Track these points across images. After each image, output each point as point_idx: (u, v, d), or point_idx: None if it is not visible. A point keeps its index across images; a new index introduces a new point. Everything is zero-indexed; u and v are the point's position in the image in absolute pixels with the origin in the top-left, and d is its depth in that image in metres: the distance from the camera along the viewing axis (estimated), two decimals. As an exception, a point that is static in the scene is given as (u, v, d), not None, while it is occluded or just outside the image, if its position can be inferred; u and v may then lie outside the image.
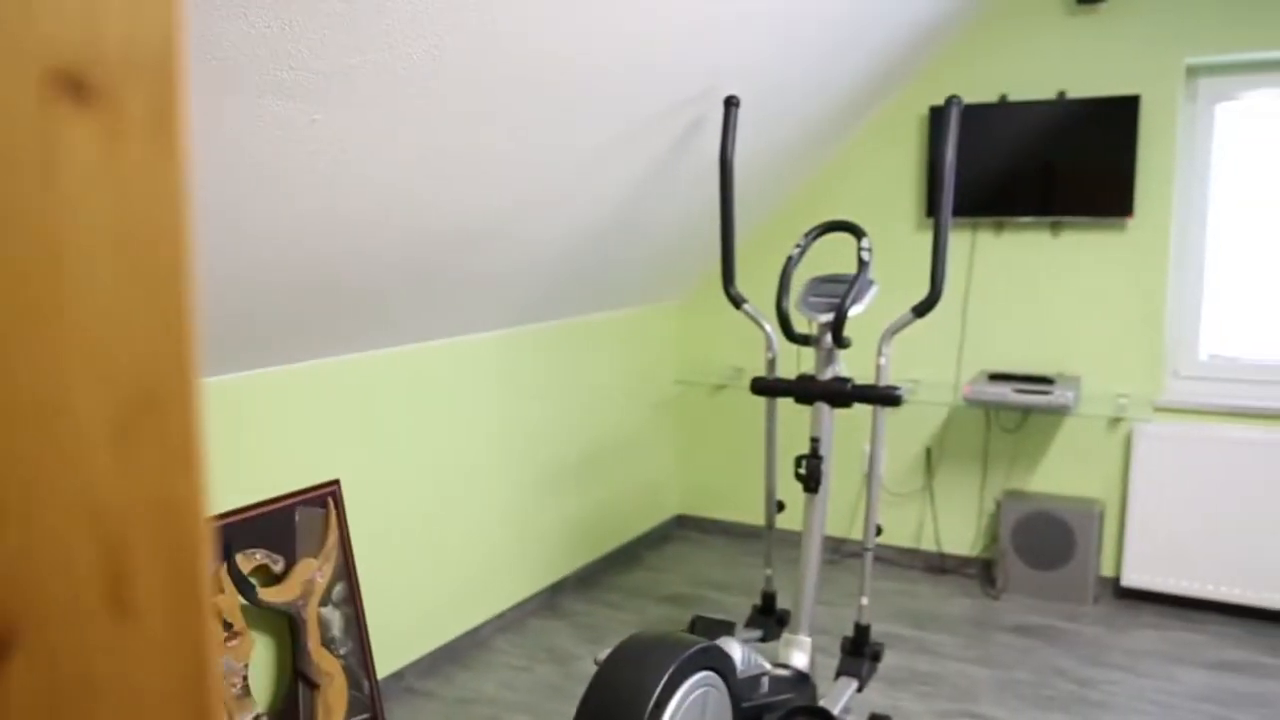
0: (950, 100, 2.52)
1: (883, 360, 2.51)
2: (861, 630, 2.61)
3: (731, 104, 2.65)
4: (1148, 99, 3.59)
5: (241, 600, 2.42)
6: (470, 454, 3.29)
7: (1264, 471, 3.48)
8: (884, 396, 2.45)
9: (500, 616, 3.51)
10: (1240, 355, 3.70)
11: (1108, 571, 3.82)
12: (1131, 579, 3.70)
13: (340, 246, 2.23)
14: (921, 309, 2.45)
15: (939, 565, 4.10)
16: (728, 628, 2.57)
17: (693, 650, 1.90)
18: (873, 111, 3.96)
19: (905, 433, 4.10)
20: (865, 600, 2.61)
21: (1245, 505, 3.51)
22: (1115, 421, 3.74)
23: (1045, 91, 3.73)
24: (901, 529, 4.17)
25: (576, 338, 3.82)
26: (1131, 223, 3.66)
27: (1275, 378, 3.64)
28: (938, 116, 3.85)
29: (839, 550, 4.28)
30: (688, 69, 2.55)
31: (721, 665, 2.03)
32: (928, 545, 4.13)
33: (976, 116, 3.77)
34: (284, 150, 1.81)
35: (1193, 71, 3.64)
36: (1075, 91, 3.68)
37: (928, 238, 3.98)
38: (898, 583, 3.95)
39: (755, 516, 4.45)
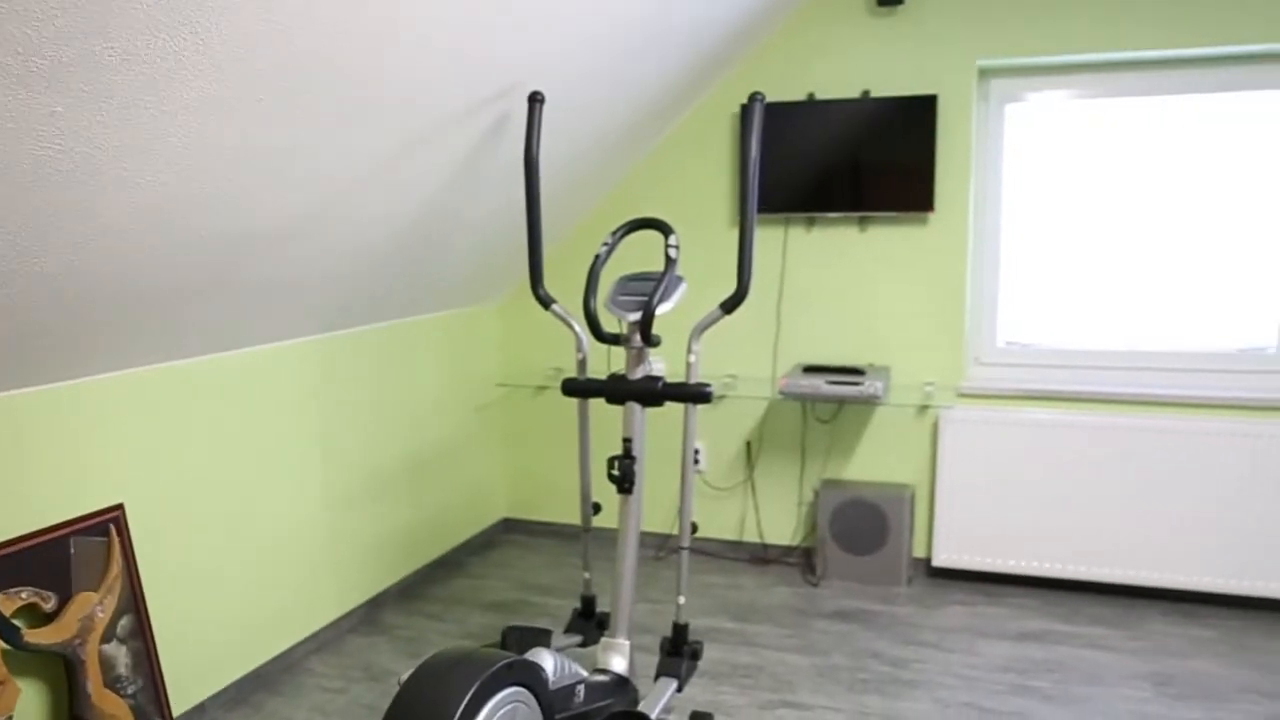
0: (753, 97, 2.54)
1: (692, 358, 2.51)
2: (680, 629, 2.60)
3: (536, 100, 2.59)
4: (944, 98, 3.74)
5: (2, 645, 2.19)
6: (279, 468, 3.11)
7: (1057, 451, 3.68)
8: (694, 394, 2.44)
9: (314, 637, 3.34)
10: (1034, 342, 3.92)
11: (920, 553, 3.97)
12: (941, 559, 3.86)
13: (106, 250, 2.04)
14: (729, 305, 2.46)
15: (762, 556, 4.16)
16: (543, 636, 2.51)
17: (496, 667, 1.83)
18: (686, 110, 3.98)
19: (726, 427, 4.15)
20: (682, 599, 2.61)
21: (1042, 483, 3.72)
22: (923, 409, 3.89)
23: (851, 90, 3.83)
24: (725, 522, 4.22)
25: (394, 342, 3.68)
26: (933, 217, 3.81)
27: (1065, 362, 3.87)
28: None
29: (664, 547, 4.29)
30: (489, 65, 2.47)
31: (530, 679, 1.96)
32: (750, 537, 4.19)
33: (786, 115, 3.84)
34: (20, 144, 1.63)
35: (984, 73, 3.81)
36: (878, 90, 3.80)
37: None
38: (722, 576, 3.99)
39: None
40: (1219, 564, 3.59)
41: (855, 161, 3.79)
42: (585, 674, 2.35)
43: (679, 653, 2.58)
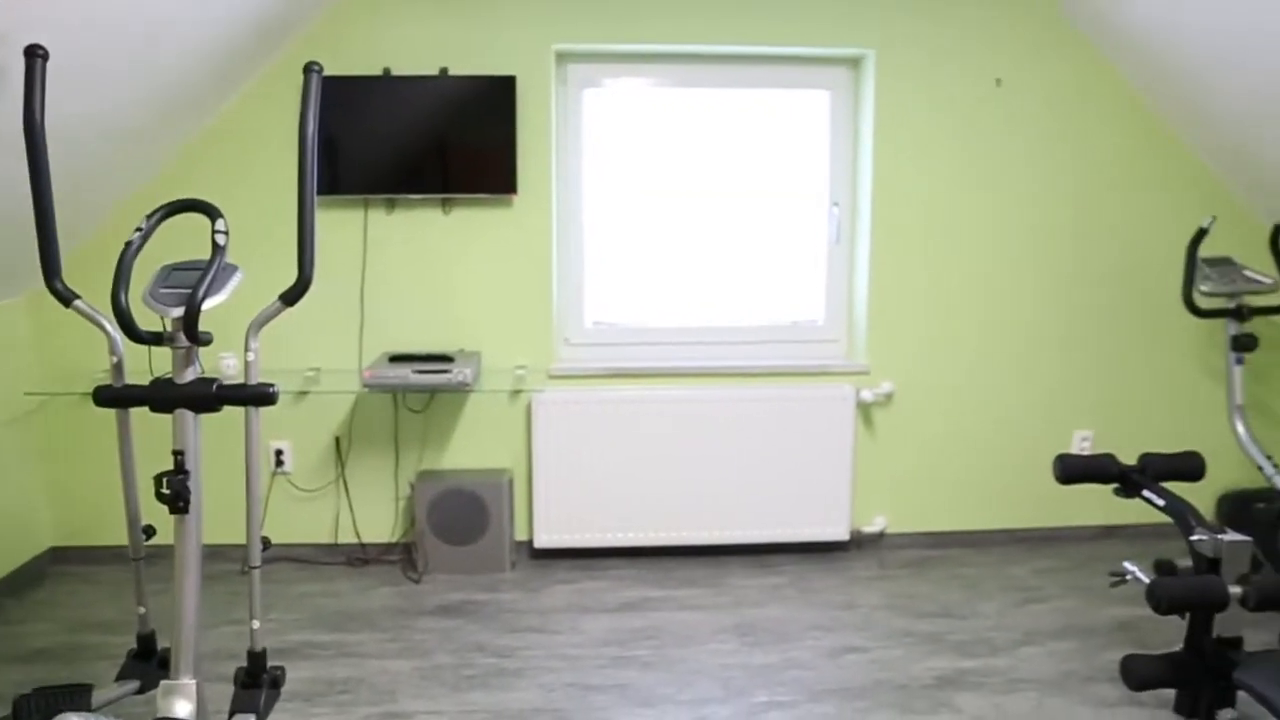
0: (309, 68, 2.30)
1: (251, 355, 2.24)
2: (256, 657, 2.34)
3: (36, 55, 2.16)
4: (524, 80, 3.71)
5: None
6: None
7: (644, 424, 3.83)
8: (256, 396, 2.18)
9: None
10: (619, 321, 4.04)
11: (523, 536, 3.96)
12: (543, 540, 3.87)
13: None
14: (291, 297, 2.22)
15: (361, 557, 3.93)
16: (78, 695, 2.13)
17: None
18: (250, 76, 3.61)
19: (312, 424, 3.86)
20: (257, 624, 2.34)
21: (632, 456, 3.84)
22: (516, 393, 3.87)
23: (428, 67, 3.69)
24: (317, 525, 3.93)
25: None
26: (517, 199, 3.78)
27: (647, 339, 4.03)
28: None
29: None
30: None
31: (54, 753, 1.63)
32: (347, 538, 3.95)
33: (361, 90, 3.61)
34: None
35: (562, 57, 3.83)
36: (457, 69, 3.68)
37: (317, 216, 3.74)
38: (317, 583, 3.72)
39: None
40: (786, 516, 3.93)
41: (436, 142, 3.65)
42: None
43: (256, 683, 2.32)
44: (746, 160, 3.99)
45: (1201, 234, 3.66)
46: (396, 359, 3.61)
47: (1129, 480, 2.66)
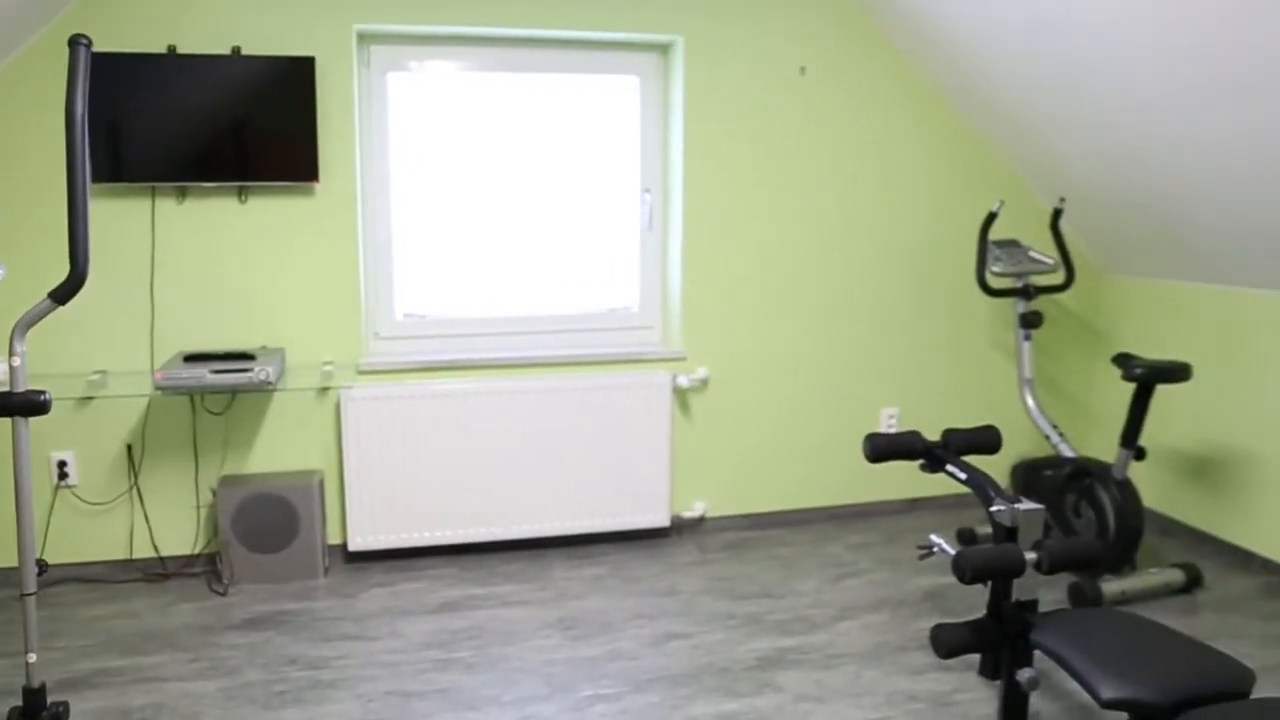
0: (74, 42, 2.09)
1: (16, 360, 2.03)
2: (33, 694, 2.13)
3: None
4: (323, 62, 3.53)
5: None
6: None
7: (459, 418, 3.73)
8: (23, 405, 1.98)
9: None
10: (430, 313, 3.92)
11: (336, 539, 3.80)
12: (357, 542, 3.72)
13: None
14: (62, 294, 2.02)
15: (160, 572, 3.67)
16: None
17: None
18: (11, 49, 3.27)
19: (100, 431, 3.56)
20: (33, 657, 2.13)
21: (448, 451, 3.74)
22: (324, 390, 3.69)
23: (219, 46, 3.45)
24: (110, 541, 3.64)
25: None
26: (319, 187, 3.60)
27: (460, 331, 3.93)
28: (100, 63, 3.32)
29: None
30: None
31: None
32: (143, 552, 3.67)
33: (144, 69, 3.34)
34: None
35: (364, 38, 3.67)
36: (251, 48, 3.47)
37: (97, 205, 3.45)
38: (110, 604, 3.44)
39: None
40: (607, 505, 3.93)
41: (230, 126, 3.43)
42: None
43: (35, 723, 2.11)
44: (559, 146, 3.94)
45: (991, 217, 3.88)
46: (192, 358, 3.37)
47: (933, 456, 2.78)
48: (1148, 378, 3.41)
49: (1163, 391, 4.18)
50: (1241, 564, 3.84)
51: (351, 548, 3.72)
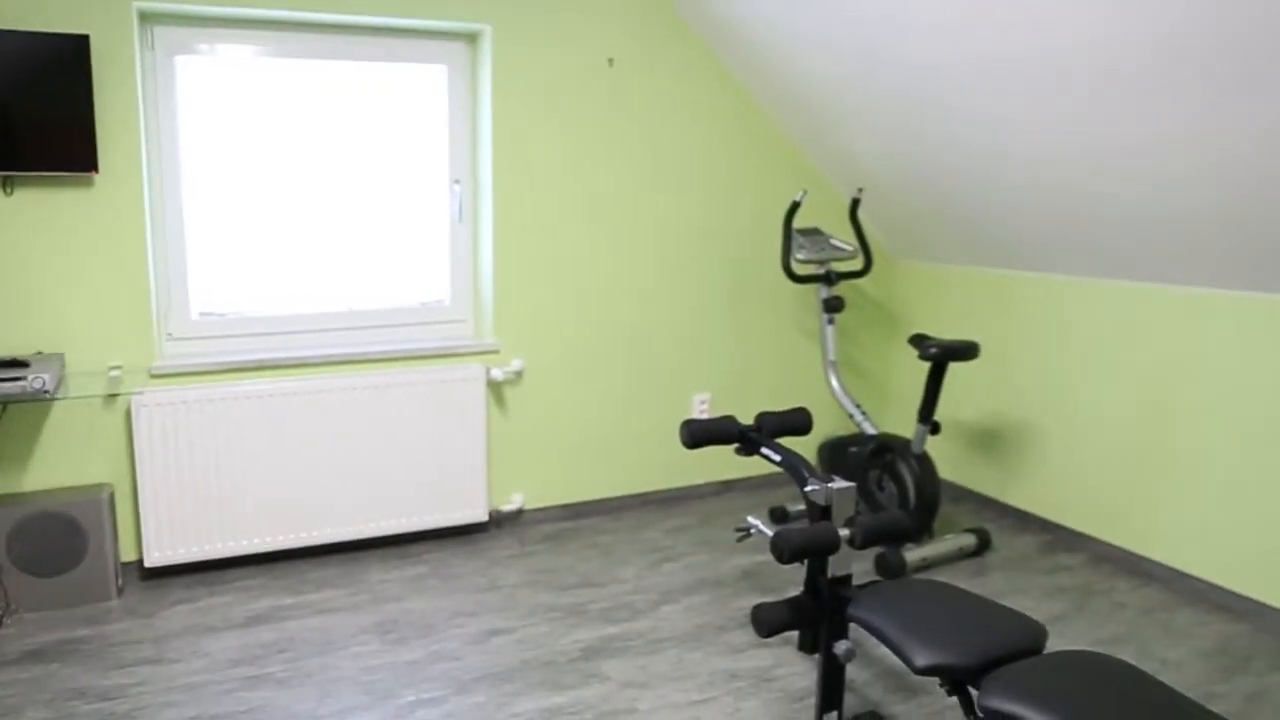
0: None
1: None
2: None
3: None
4: (99, 42, 3.27)
5: None
6: None
7: (265, 421, 3.55)
8: None
9: None
10: (230, 311, 3.70)
11: (130, 556, 3.54)
12: (155, 557, 3.48)
13: None
14: None
15: (-78, 603, 3.32)
16: None
17: None
18: None
19: None
20: None
21: (253, 456, 3.56)
22: (112, 396, 3.43)
23: (-27, 20, 3.14)
24: None
25: None
26: (99, 178, 3.33)
27: (263, 329, 3.74)
28: None
29: None
30: None
31: None
32: (-99, 584, 3.31)
33: (-121, 44, 2.99)
34: None
35: (146, 17, 3.42)
36: (11, 22, 3.16)
37: None
38: None
39: None
40: (424, 502, 3.85)
41: (-10, 109, 3.12)
42: None
43: None
44: (366, 137, 3.80)
45: (795, 207, 4.02)
46: (-49, 368, 3.05)
47: (749, 439, 2.86)
48: (941, 356, 3.63)
49: (954, 369, 4.47)
50: (1023, 525, 4.16)
51: (148, 563, 3.48)
